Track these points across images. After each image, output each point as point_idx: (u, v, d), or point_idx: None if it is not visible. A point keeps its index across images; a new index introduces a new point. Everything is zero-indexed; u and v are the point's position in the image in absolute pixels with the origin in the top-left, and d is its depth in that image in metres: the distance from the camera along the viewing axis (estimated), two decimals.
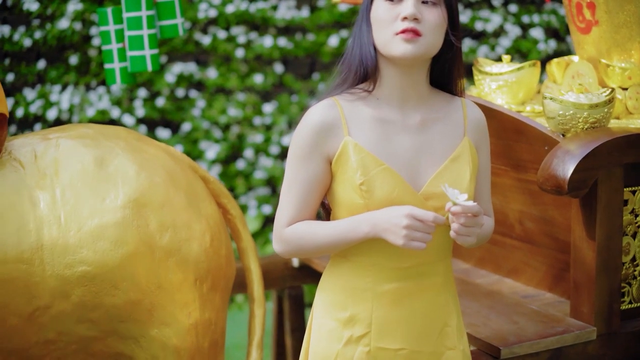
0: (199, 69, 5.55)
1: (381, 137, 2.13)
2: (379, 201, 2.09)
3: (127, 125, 5.44)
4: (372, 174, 2.10)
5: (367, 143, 2.12)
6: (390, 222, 2.04)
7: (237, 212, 2.89)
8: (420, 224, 2.03)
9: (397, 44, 2.09)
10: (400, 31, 2.08)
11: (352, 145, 2.10)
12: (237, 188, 5.52)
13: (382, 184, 2.09)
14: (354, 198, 2.11)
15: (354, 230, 2.10)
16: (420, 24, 2.08)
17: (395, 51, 2.09)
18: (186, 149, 5.48)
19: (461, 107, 2.21)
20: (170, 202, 2.59)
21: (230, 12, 5.54)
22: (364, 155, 2.10)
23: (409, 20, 2.08)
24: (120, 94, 5.49)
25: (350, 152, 2.10)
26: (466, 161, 2.17)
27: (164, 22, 2.99)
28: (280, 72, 5.65)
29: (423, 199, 2.11)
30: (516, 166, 2.87)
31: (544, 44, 5.79)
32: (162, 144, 2.79)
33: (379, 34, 2.11)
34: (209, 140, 5.51)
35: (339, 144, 2.12)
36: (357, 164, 2.10)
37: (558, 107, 2.68)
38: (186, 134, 5.53)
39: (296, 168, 2.15)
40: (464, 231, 2.04)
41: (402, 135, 2.14)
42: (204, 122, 5.52)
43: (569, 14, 3.13)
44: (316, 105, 2.15)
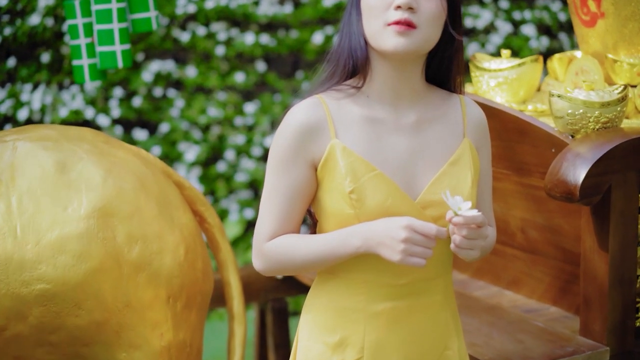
0: (177, 67, 5.46)
1: (372, 139, 1.96)
2: (371, 211, 1.92)
3: (102, 126, 5.33)
4: (362, 181, 1.93)
5: (356, 146, 1.95)
6: (385, 235, 1.87)
7: (215, 220, 2.69)
8: (420, 238, 1.85)
9: (388, 37, 1.91)
10: (393, 22, 1.91)
11: (339, 148, 1.93)
12: (217, 191, 5.42)
13: (374, 192, 1.92)
14: (343, 208, 1.94)
15: (344, 244, 1.92)
16: (415, 15, 1.91)
17: (385, 44, 1.92)
18: (164, 151, 5.38)
19: (460, 106, 2.05)
20: (140, 211, 2.40)
21: (210, 8, 5.44)
22: (353, 159, 1.93)
23: (402, 9, 1.90)
24: (94, 93, 5.36)
25: (337, 157, 1.93)
26: (467, 164, 2.00)
27: (136, 16, 2.83)
28: (262, 71, 5.56)
29: (420, 207, 1.94)
30: (519, 170, 2.70)
31: (536, 41, 5.71)
32: (133, 146, 2.59)
33: (369, 23, 1.94)
34: (188, 142, 5.41)
35: (325, 147, 1.95)
36: (346, 170, 1.93)
37: (566, 105, 2.48)
38: (164, 135, 5.43)
39: (277, 175, 1.97)
40: (467, 244, 1.87)
41: (395, 137, 1.97)
42: (182, 122, 5.42)
43: (572, 5, 2.97)
44: (299, 105, 1.97)
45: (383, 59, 1.97)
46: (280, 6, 5.55)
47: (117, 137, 5.33)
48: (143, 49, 5.44)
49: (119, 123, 5.41)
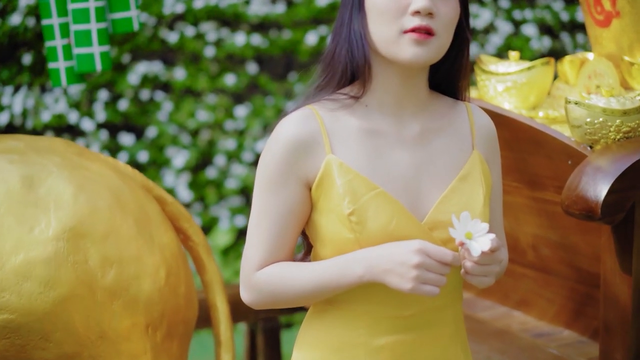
0: (165, 69, 5.40)
1: (372, 154, 1.79)
2: (374, 235, 1.75)
3: (87, 130, 5.26)
4: (363, 201, 1.75)
5: (355, 162, 1.78)
6: (394, 261, 1.70)
7: (201, 238, 2.50)
8: (433, 263, 1.69)
9: (406, 46, 1.74)
10: (410, 29, 1.74)
11: (336, 165, 1.76)
12: (207, 198, 5.35)
13: (377, 213, 1.75)
14: (342, 232, 1.76)
15: (344, 273, 1.75)
16: (434, 21, 1.74)
17: (402, 55, 1.75)
18: (151, 156, 5.32)
19: (467, 114, 1.89)
20: (116, 231, 2.22)
21: (199, 8, 5.37)
22: (352, 177, 1.76)
23: (422, 15, 1.73)
24: (78, 96, 5.28)
25: (334, 174, 1.76)
26: (477, 180, 1.84)
27: (116, 15, 2.70)
28: (253, 72, 5.49)
29: (428, 229, 1.77)
30: (531, 183, 2.51)
31: (538, 41, 5.62)
32: (110, 158, 2.40)
33: (380, 28, 1.76)
34: (177, 147, 5.35)
35: (320, 164, 1.78)
36: (344, 189, 1.75)
37: (585, 113, 2.29)
38: (151, 140, 5.36)
39: (267, 196, 1.80)
40: (480, 271, 1.71)
41: (398, 151, 1.81)
42: (171, 126, 5.36)
43: (584, 4, 2.80)
44: (288, 117, 1.79)
45: (388, 66, 1.81)
46: (272, 6, 5.49)
47: (103, 142, 5.28)
48: (129, 50, 5.37)
49: (104, 127, 5.34)
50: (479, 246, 1.66)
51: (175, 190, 5.24)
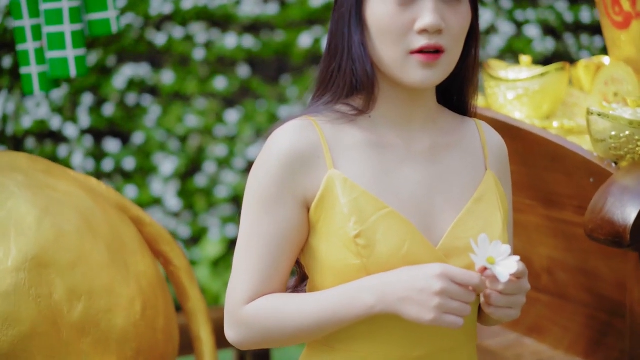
0: (152, 72, 5.28)
1: (379, 169, 1.64)
2: (383, 260, 1.58)
3: (70, 136, 5.12)
4: (371, 222, 1.59)
5: (360, 177, 1.62)
6: (412, 288, 1.53)
7: (183, 262, 2.31)
8: (458, 290, 1.53)
9: (412, 68, 1.60)
10: (418, 50, 1.59)
11: (340, 181, 1.60)
12: (196, 206, 5.23)
13: (387, 236, 1.58)
14: (346, 258, 1.58)
15: (351, 303, 1.56)
16: (443, 36, 1.59)
17: (409, 78, 1.61)
18: (138, 163, 5.19)
19: (477, 132, 1.75)
20: (85, 259, 2.02)
21: (188, 8, 5.26)
22: (358, 194, 1.59)
23: (429, 33, 1.58)
24: (61, 101, 5.14)
25: (338, 192, 1.59)
26: (494, 202, 1.69)
27: (92, 16, 2.58)
28: (245, 75, 5.38)
29: (443, 256, 1.61)
30: (547, 201, 2.34)
31: (541, 43, 5.51)
32: (81, 175, 2.20)
33: (383, 48, 1.61)
34: (165, 153, 5.23)
35: (320, 180, 1.61)
36: (350, 208, 1.59)
37: (609, 126, 2.13)
38: (138, 146, 5.23)
39: (258, 218, 1.62)
40: (504, 301, 1.55)
41: (407, 166, 1.66)
42: (158, 132, 5.24)
43: (601, 5, 2.67)
44: (283, 127, 1.63)
45: (395, 84, 1.66)
46: (264, 6, 5.38)
47: (87, 148, 5.16)
48: (115, 52, 5.25)
49: (88, 133, 5.20)
50: (505, 270, 1.51)
51: (163, 198, 5.13)
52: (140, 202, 5.04)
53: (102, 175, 5.06)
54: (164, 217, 5.08)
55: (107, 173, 5.07)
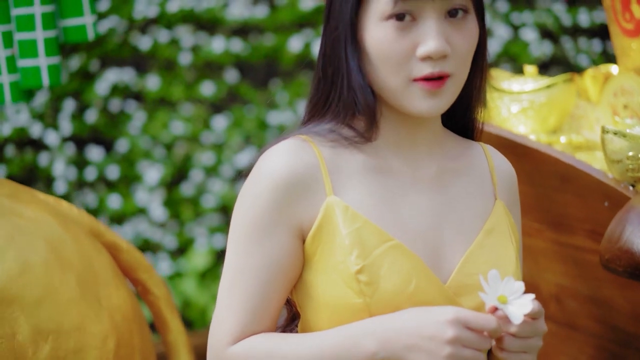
0: (136, 77, 5.17)
1: (383, 197, 1.53)
2: (388, 299, 1.45)
3: (51, 144, 5.00)
4: (375, 255, 1.47)
5: (363, 206, 1.50)
6: (421, 334, 1.40)
7: (162, 291, 2.20)
8: (472, 337, 1.40)
9: (416, 97, 1.48)
10: (421, 78, 1.46)
11: (340, 209, 1.48)
12: (183, 216, 5.12)
13: (392, 271, 1.47)
14: (347, 296, 1.45)
15: (350, 349, 1.43)
16: (448, 60, 1.47)
17: (413, 108, 1.49)
18: (122, 172, 5.08)
19: (484, 157, 1.63)
20: (53, 294, 1.90)
21: (174, 12, 5.16)
22: (360, 224, 1.48)
23: (433, 59, 1.45)
24: (42, 107, 5.04)
25: (338, 221, 1.47)
26: (505, 234, 1.57)
27: (68, 22, 2.50)
28: (233, 80, 5.28)
29: (452, 294, 1.49)
30: (557, 225, 2.23)
31: (538, 46, 5.42)
32: (51, 198, 2.06)
33: (384, 75, 1.49)
34: (150, 161, 5.12)
35: (318, 207, 1.49)
36: (351, 240, 1.47)
37: (626, 145, 2.01)
38: (122, 154, 5.11)
39: (247, 249, 1.49)
40: (519, 345, 1.43)
41: (413, 194, 1.53)
42: (143, 139, 5.13)
43: (610, 11, 2.57)
44: (277, 147, 1.51)
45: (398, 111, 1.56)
46: (253, 9, 5.30)
47: (68, 156, 5.05)
48: (97, 57, 5.15)
49: (70, 141, 5.08)
50: (518, 310, 1.40)
51: (148, 208, 5.02)
52: (125, 212, 4.96)
53: (85, 184, 4.98)
54: (149, 228, 5.00)
55: (90, 182, 4.99)
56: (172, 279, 4.93)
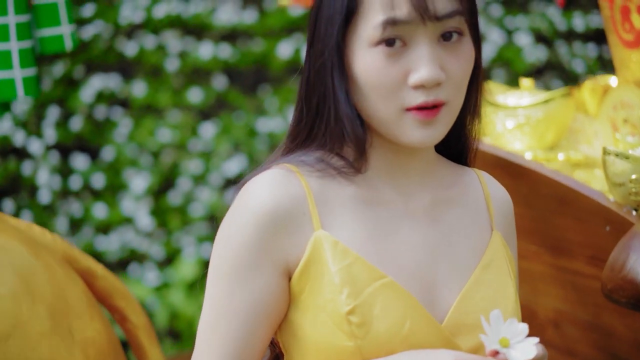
0: (122, 84, 5.16)
1: (375, 231, 1.43)
2: (381, 341, 1.38)
3: (35, 153, 4.98)
4: (367, 294, 1.38)
5: (353, 240, 1.41)
6: None
7: (140, 319, 2.11)
8: None
9: (409, 128, 1.40)
10: (414, 107, 1.38)
11: (329, 244, 1.39)
12: (170, 225, 5.09)
13: (385, 312, 1.38)
14: (336, 338, 1.37)
15: None
16: (442, 88, 1.38)
17: (407, 138, 1.41)
18: (108, 180, 5.05)
19: (479, 185, 1.55)
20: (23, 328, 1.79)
21: (160, 17, 5.16)
22: (351, 261, 1.39)
23: (427, 87, 1.37)
24: (25, 114, 5.02)
25: (327, 257, 1.39)
26: (503, 269, 1.48)
27: (44, 32, 2.45)
28: (221, 86, 5.26)
29: (449, 334, 1.41)
30: (555, 248, 2.15)
31: (532, 50, 5.40)
32: (22, 223, 1.99)
33: (374, 104, 1.41)
34: (136, 169, 5.10)
35: (305, 243, 1.40)
36: (342, 278, 1.38)
37: (629, 168, 1.91)
38: (108, 162, 5.09)
39: (229, 289, 1.40)
40: None
41: (406, 226, 1.45)
42: (129, 147, 5.11)
43: (609, 21, 2.50)
44: (261, 177, 1.42)
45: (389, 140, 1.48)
46: (241, 15, 5.30)
47: (53, 165, 5.01)
48: (82, 63, 5.13)
49: (54, 149, 5.06)
50: (521, 355, 1.33)
51: (135, 217, 4.99)
52: (111, 221, 4.93)
53: (70, 193, 4.95)
54: (135, 237, 4.97)
55: (75, 191, 4.95)
56: (159, 290, 4.91)
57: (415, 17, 1.34)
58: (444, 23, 1.36)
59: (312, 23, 1.43)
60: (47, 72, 4.93)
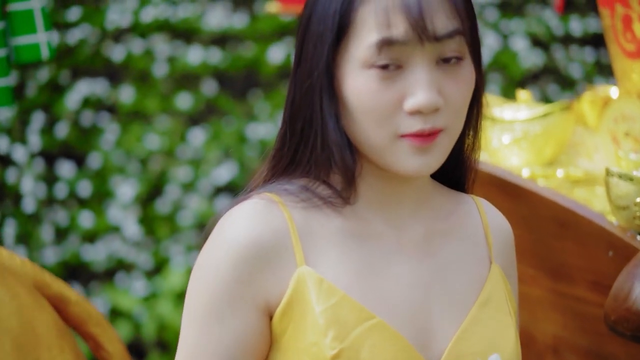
0: (109, 89, 5.13)
1: (364, 267, 1.35)
2: None
3: (19, 160, 4.94)
4: (354, 336, 1.29)
5: (340, 278, 1.32)
6: None
7: (116, 346, 2.01)
8: None
9: (404, 155, 1.31)
10: (410, 134, 1.30)
11: (313, 281, 1.31)
12: (158, 233, 5.06)
13: (374, 355, 1.30)
14: None
15: None
16: (440, 114, 1.30)
17: (401, 166, 1.31)
18: (94, 188, 5.02)
19: (478, 214, 1.46)
20: None
21: (148, 21, 5.14)
22: (337, 300, 1.30)
23: (424, 114, 1.28)
24: (9, 121, 4.99)
25: (311, 296, 1.30)
26: (502, 306, 1.40)
27: (19, 40, 2.41)
28: (211, 92, 5.24)
29: None
30: (554, 272, 2.07)
31: (528, 54, 5.36)
32: None
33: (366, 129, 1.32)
34: (123, 177, 5.08)
35: (288, 280, 1.31)
36: (327, 319, 1.29)
37: (633, 190, 1.83)
38: (94, 170, 5.06)
39: (206, 329, 1.32)
40: None
41: (397, 262, 1.37)
42: (116, 154, 5.08)
43: (610, 30, 2.47)
44: (240, 208, 1.33)
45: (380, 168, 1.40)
46: (232, 19, 5.28)
47: (37, 173, 4.98)
48: (68, 68, 5.11)
49: (39, 156, 5.03)
50: None
51: (122, 226, 4.96)
52: (97, 230, 4.89)
53: (55, 201, 4.91)
54: (123, 246, 4.93)
55: (61, 199, 4.91)
56: (147, 300, 4.89)
57: (413, 37, 1.25)
58: (443, 44, 1.27)
59: (300, 41, 1.33)
60: (32, 77, 4.94)
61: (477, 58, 1.32)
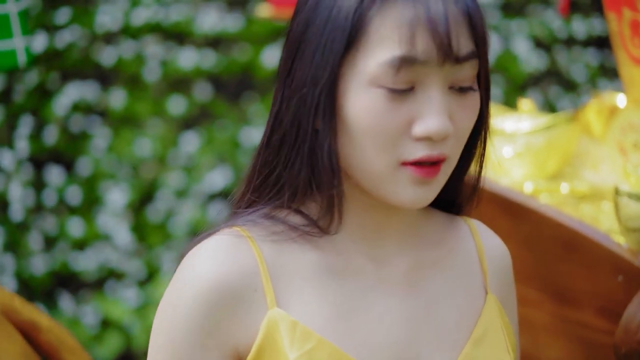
0: (100, 93, 5.09)
1: (342, 307, 1.24)
2: None
3: (7, 166, 4.87)
4: None
5: (315, 320, 1.22)
6: None
7: None
8: None
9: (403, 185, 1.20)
10: (413, 162, 1.19)
11: (286, 326, 1.21)
12: (150, 241, 5.02)
13: None
14: None
15: None
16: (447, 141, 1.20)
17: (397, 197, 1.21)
18: (84, 195, 4.97)
19: (471, 239, 1.36)
20: None
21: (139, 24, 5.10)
22: (313, 345, 1.20)
23: (434, 140, 1.18)
24: None
25: (283, 342, 1.20)
26: (499, 343, 1.29)
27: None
28: (204, 96, 5.21)
29: None
30: (559, 296, 1.98)
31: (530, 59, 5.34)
32: None
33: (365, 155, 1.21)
34: (114, 183, 5.03)
35: (258, 324, 1.22)
36: None
37: None
38: (84, 176, 5.01)
39: None
40: None
41: (380, 300, 1.26)
42: (107, 160, 5.03)
43: (617, 37, 2.41)
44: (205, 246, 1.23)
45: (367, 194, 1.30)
46: (225, 22, 5.25)
47: (25, 179, 4.92)
48: (57, 71, 5.05)
49: (27, 161, 4.98)
50: None
51: (113, 234, 4.92)
52: (87, 238, 4.84)
53: (44, 209, 4.84)
54: (113, 255, 4.88)
55: (49, 207, 4.85)
56: (139, 310, 4.86)
57: (435, 57, 1.15)
58: (460, 67, 1.17)
59: (293, 47, 1.20)
60: (19, 80, 4.90)
61: (486, 84, 1.23)
